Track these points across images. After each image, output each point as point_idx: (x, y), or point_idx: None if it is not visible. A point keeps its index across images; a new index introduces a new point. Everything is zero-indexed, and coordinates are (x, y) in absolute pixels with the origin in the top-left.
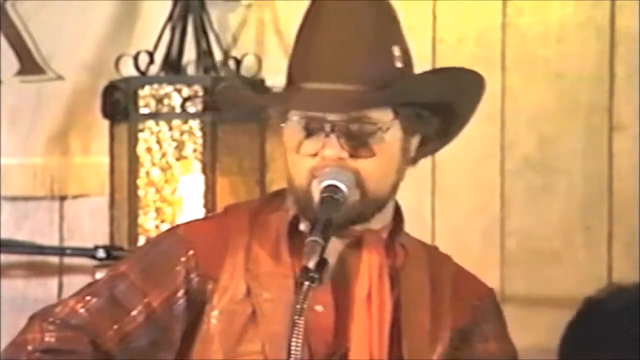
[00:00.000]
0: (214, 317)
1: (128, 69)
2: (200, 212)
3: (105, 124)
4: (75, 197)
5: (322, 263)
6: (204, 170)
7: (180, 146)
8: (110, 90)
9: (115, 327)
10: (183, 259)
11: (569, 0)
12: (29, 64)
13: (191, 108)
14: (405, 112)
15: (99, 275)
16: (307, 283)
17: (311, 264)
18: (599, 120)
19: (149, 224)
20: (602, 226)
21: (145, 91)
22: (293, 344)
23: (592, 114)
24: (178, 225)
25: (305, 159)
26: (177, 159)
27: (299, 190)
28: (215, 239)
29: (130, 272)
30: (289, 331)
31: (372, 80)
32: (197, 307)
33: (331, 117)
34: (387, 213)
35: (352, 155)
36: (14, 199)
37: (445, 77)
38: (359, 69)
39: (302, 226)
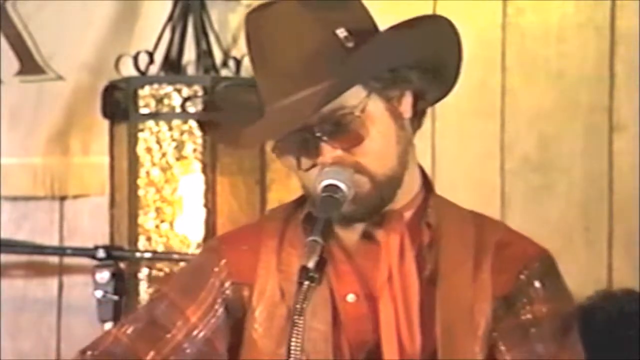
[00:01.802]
0: (255, 322)
1: (128, 69)
2: (200, 213)
3: (105, 124)
4: (75, 197)
5: (321, 262)
6: (204, 170)
7: (180, 146)
8: (110, 90)
9: (156, 348)
10: (216, 269)
11: (569, 0)
12: (29, 64)
13: (191, 108)
14: (376, 82)
15: (99, 275)
16: (306, 283)
17: (311, 264)
18: (599, 120)
19: (149, 224)
20: (602, 226)
21: (145, 91)
22: (293, 343)
23: (592, 114)
24: (214, 237)
25: (309, 172)
26: (177, 159)
27: (315, 199)
28: (247, 245)
29: (170, 291)
30: (289, 331)
31: (326, 73)
32: (236, 314)
33: (307, 124)
34: (410, 188)
35: (345, 149)
36: (14, 199)
37: (400, 37)
38: (310, 70)
39: None
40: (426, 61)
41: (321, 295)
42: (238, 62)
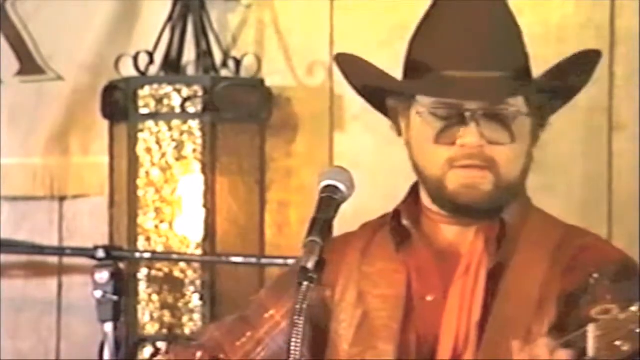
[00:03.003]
0: (335, 322)
1: (128, 69)
2: (199, 213)
3: (105, 124)
4: (75, 197)
5: (320, 263)
6: (203, 171)
7: (179, 146)
8: (110, 90)
9: (240, 342)
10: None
11: (569, 0)
12: (29, 64)
13: (191, 108)
14: (537, 98)
15: (98, 275)
16: (305, 283)
17: (310, 265)
18: (599, 120)
19: (149, 224)
20: (602, 226)
21: (145, 91)
22: (292, 344)
23: (592, 114)
24: None
25: (441, 149)
26: (177, 159)
27: (431, 180)
28: (336, 248)
29: (261, 294)
30: (289, 331)
31: (510, 67)
32: (320, 314)
33: (470, 105)
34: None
35: (490, 142)
36: (14, 199)
37: (576, 63)
38: (499, 56)
39: (404, 221)
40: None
41: (397, 294)
42: (238, 62)
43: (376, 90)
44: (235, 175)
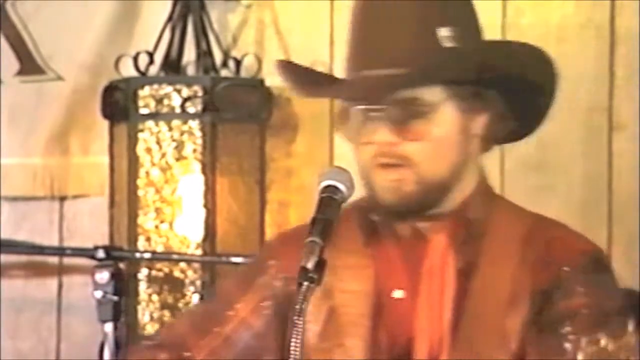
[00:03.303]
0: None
1: (128, 69)
2: (200, 213)
3: (105, 124)
4: (75, 197)
5: (320, 263)
6: (203, 171)
7: (180, 146)
8: (110, 90)
9: (206, 339)
10: (267, 265)
11: (569, 0)
12: (29, 64)
13: (191, 108)
14: (458, 91)
15: (98, 276)
16: (306, 283)
17: (310, 265)
18: (599, 120)
19: (149, 224)
20: (602, 226)
21: (145, 91)
22: (292, 344)
23: (592, 114)
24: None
25: (366, 148)
26: (177, 159)
27: (364, 179)
28: (300, 241)
29: (226, 287)
30: (289, 331)
31: (417, 62)
32: (287, 309)
33: (379, 102)
34: (462, 193)
35: (402, 139)
36: (14, 199)
37: (489, 50)
38: (402, 52)
39: (373, 216)
40: (514, 87)
41: (364, 290)
42: (238, 62)
43: None
44: (236, 175)
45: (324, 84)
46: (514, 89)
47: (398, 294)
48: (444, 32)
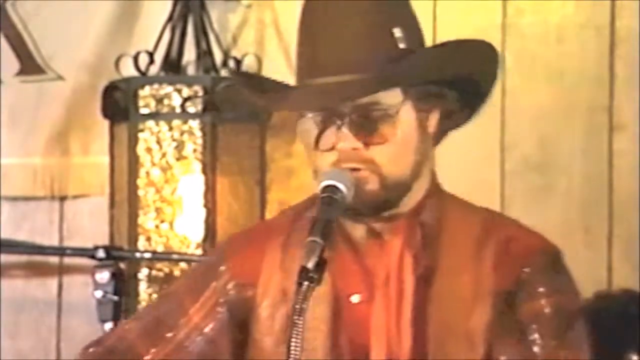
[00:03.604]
0: (257, 322)
1: (128, 69)
2: (200, 213)
3: (105, 124)
4: (75, 197)
5: (321, 263)
6: (204, 171)
7: (180, 146)
8: (110, 90)
9: (158, 346)
10: (221, 269)
11: (569, 0)
12: (29, 64)
13: (191, 108)
14: (414, 91)
15: (98, 275)
16: (306, 283)
17: (310, 264)
18: (599, 120)
19: (149, 224)
20: (602, 226)
21: (145, 91)
22: (292, 344)
23: (592, 114)
24: (226, 238)
25: (325, 154)
26: (177, 159)
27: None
28: (253, 245)
29: (176, 290)
30: (289, 332)
31: (373, 66)
32: (241, 315)
33: (339, 109)
34: (418, 195)
35: (365, 144)
36: (14, 199)
37: (446, 52)
38: (357, 57)
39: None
40: (463, 82)
41: (322, 294)
42: (238, 62)
43: None
44: (236, 175)
45: (287, 94)
46: (462, 83)
47: (356, 298)
48: (397, 33)
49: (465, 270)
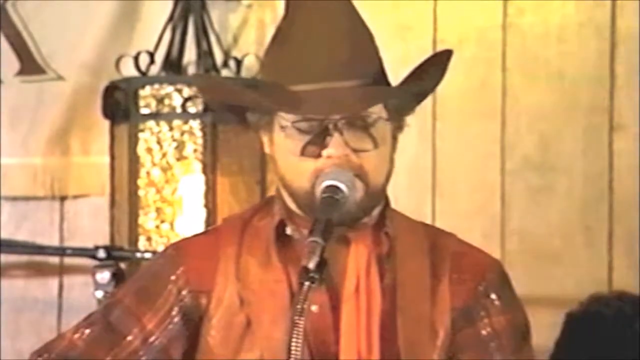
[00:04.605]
0: (211, 330)
1: (128, 69)
2: (200, 213)
3: (105, 124)
4: (75, 197)
5: (322, 263)
6: (204, 171)
7: (180, 146)
8: (110, 90)
9: (112, 353)
10: (173, 277)
11: (569, 0)
12: (29, 64)
13: (192, 108)
14: (394, 102)
15: (99, 276)
16: (307, 283)
17: (311, 265)
18: (599, 120)
19: (149, 224)
20: (602, 226)
21: (145, 91)
22: (293, 344)
23: (592, 114)
24: (170, 245)
25: (307, 161)
26: (178, 159)
27: (300, 193)
28: (206, 253)
29: (125, 297)
30: (289, 332)
31: (366, 74)
32: (193, 323)
33: (332, 115)
34: (382, 203)
35: (355, 150)
36: (14, 199)
37: (434, 66)
38: (352, 64)
39: (289, 230)
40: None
41: (281, 304)
42: (239, 62)
43: (234, 107)
44: (236, 176)
45: (292, 97)
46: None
47: (315, 308)
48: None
49: (423, 284)
